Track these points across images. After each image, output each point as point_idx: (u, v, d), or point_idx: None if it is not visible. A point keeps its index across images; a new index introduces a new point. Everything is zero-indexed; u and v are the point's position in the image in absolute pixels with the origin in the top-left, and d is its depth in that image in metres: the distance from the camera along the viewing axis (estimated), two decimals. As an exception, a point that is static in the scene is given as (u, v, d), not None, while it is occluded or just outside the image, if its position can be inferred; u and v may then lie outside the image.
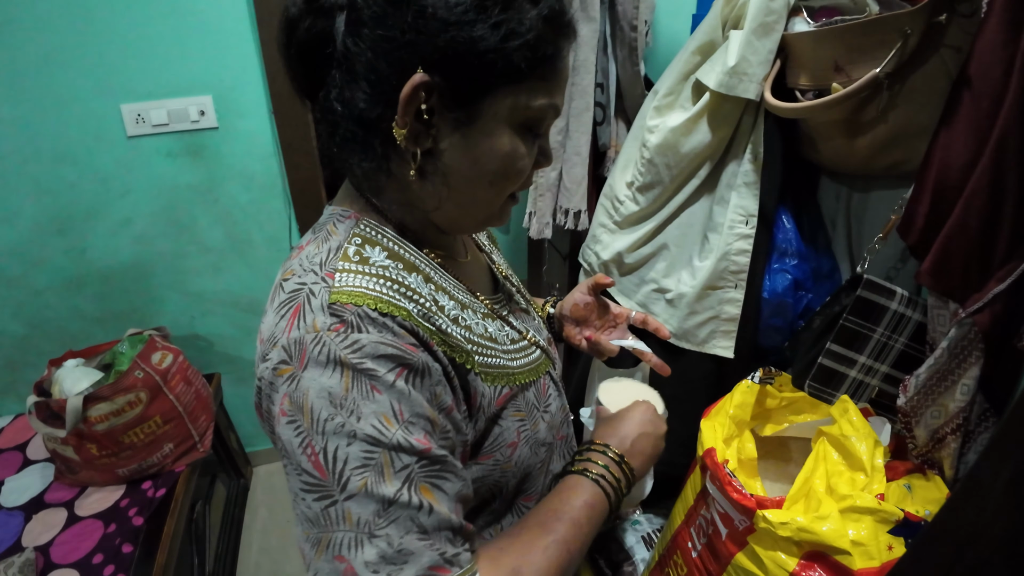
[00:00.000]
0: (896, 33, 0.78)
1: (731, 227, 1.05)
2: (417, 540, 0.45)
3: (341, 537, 0.44)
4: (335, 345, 0.46)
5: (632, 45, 1.32)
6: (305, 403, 0.45)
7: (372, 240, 0.55)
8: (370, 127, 0.50)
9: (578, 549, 0.56)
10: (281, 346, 0.48)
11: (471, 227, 0.62)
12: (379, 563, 0.43)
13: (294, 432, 0.46)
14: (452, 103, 0.49)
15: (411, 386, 0.47)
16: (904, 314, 0.89)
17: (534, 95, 0.51)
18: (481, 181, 0.54)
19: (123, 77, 1.45)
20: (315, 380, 0.45)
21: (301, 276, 0.51)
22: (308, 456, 0.45)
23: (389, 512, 0.44)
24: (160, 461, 1.45)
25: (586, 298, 0.85)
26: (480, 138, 0.51)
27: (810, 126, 0.97)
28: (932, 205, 0.80)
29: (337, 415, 0.45)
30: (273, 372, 0.48)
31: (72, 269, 1.63)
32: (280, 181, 1.65)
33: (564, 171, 1.44)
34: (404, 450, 0.46)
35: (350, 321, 0.47)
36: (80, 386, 1.38)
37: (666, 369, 0.83)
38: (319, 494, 0.45)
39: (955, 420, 0.82)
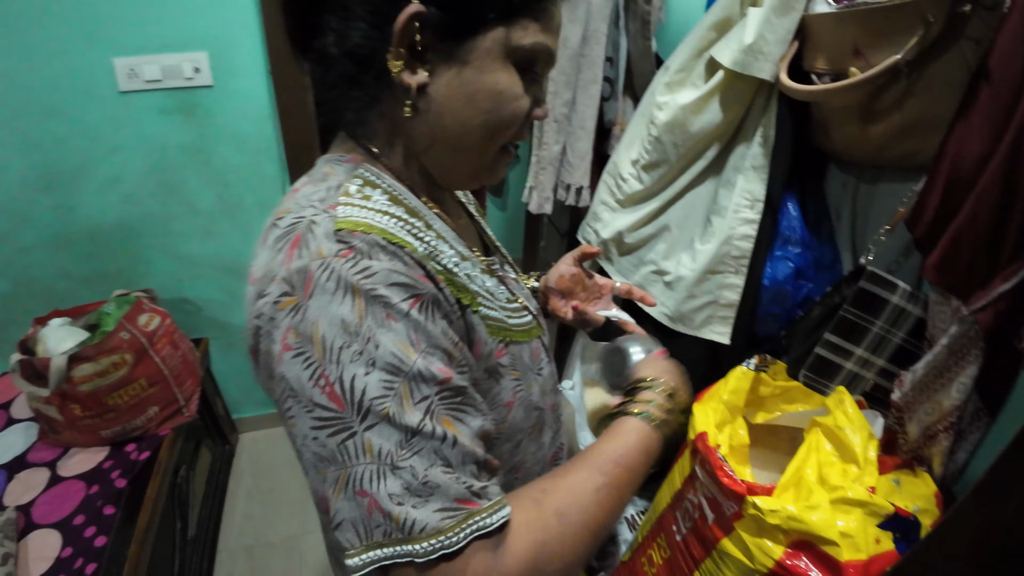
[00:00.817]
0: (919, 20, 0.76)
1: (736, 211, 1.03)
2: (442, 473, 0.43)
3: (362, 471, 0.42)
4: (345, 271, 0.43)
5: (645, 19, 1.28)
6: (315, 333, 0.43)
7: (372, 183, 0.53)
8: (364, 62, 0.50)
9: (630, 493, 0.55)
10: (281, 278, 0.45)
11: (464, 177, 0.59)
12: (403, 494, 0.42)
13: (303, 365, 0.43)
14: (446, 35, 0.49)
15: (425, 317, 0.45)
16: (904, 308, 0.88)
17: (526, 31, 0.50)
18: (475, 120, 0.52)
19: (116, 30, 1.41)
20: (325, 308, 0.43)
21: (298, 212, 0.49)
22: (321, 388, 0.42)
23: (412, 443, 0.42)
24: (144, 424, 1.43)
25: (572, 269, 0.84)
26: (474, 74, 0.50)
27: (824, 111, 0.95)
28: (943, 198, 0.78)
29: (353, 342, 0.42)
30: (274, 307, 0.45)
31: (59, 227, 1.60)
32: (275, 144, 1.62)
33: (568, 145, 1.41)
34: (424, 379, 0.44)
35: (359, 247, 0.45)
36: (64, 345, 1.35)
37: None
38: (335, 428, 0.42)
39: (948, 418, 0.82)
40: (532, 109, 0.56)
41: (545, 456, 0.71)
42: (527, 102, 0.54)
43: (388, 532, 0.41)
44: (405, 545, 0.41)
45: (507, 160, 0.59)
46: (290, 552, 1.74)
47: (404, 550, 0.41)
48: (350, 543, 0.43)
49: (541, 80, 0.57)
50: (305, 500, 1.89)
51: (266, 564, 1.70)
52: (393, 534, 0.41)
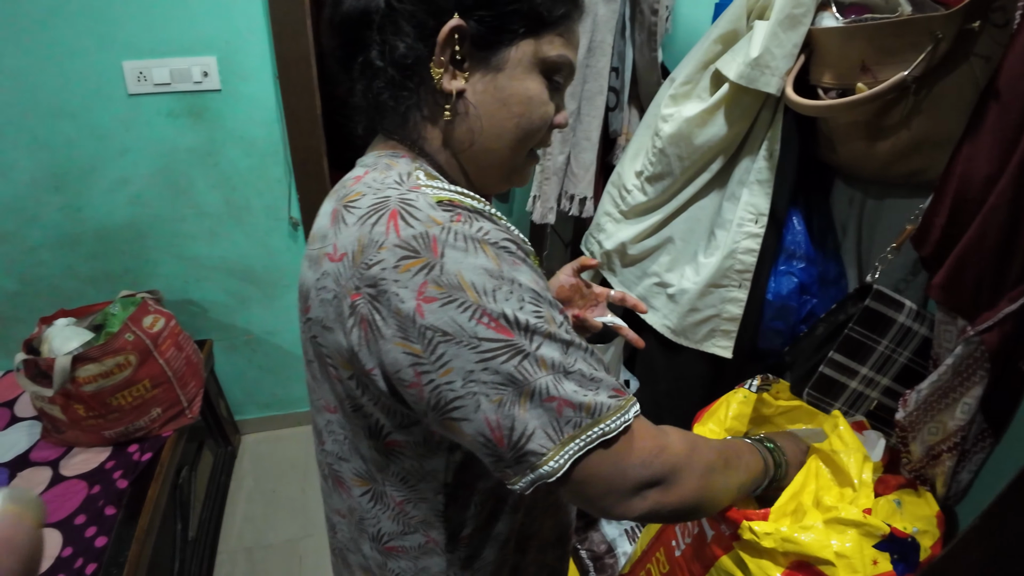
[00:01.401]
0: (927, 36, 0.75)
1: (740, 225, 1.02)
2: (597, 371, 0.50)
3: (542, 382, 0.47)
4: (467, 230, 0.48)
5: (651, 30, 1.28)
6: (463, 281, 0.46)
7: (431, 175, 0.57)
8: (409, 70, 0.55)
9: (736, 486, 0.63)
10: (394, 245, 0.48)
11: (496, 179, 0.64)
12: (581, 388, 0.48)
13: (457, 309, 0.46)
14: (482, 45, 0.55)
15: (532, 264, 0.52)
16: (911, 328, 0.87)
17: (552, 45, 0.57)
18: (508, 123, 0.58)
19: (126, 33, 1.42)
20: (462, 261, 0.47)
21: (378, 192, 0.52)
22: (486, 324, 0.46)
23: (569, 352, 0.49)
24: (147, 425, 1.44)
25: (571, 279, 0.87)
26: (507, 81, 0.56)
27: (830, 126, 0.94)
28: (950, 217, 0.77)
29: (502, 284, 0.47)
30: (394, 270, 0.47)
31: (67, 227, 1.61)
32: (282, 148, 1.62)
33: (572, 155, 1.41)
34: (555, 307, 0.51)
35: (466, 215, 0.50)
36: (69, 346, 1.36)
37: (640, 342, 0.86)
38: (508, 354, 0.47)
39: (952, 438, 0.81)
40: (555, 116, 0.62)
41: None
42: (553, 108, 0.60)
43: (578, 423, 0.47)
44: (595, 428, 0.48)
45: (533, 163, 0.65)
46: (290, 554, 1.74)
47: (596, 432, 0.48)
48: (544, 447, 0.47)
49: (562, 90, 0.62)
50: (306, 503, 1.89)
51: (266, 566, 1.71)
52: (583, 422, 0.47)
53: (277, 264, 1.81)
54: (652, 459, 0.51)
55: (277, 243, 1.78)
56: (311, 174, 1.65)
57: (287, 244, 1.78)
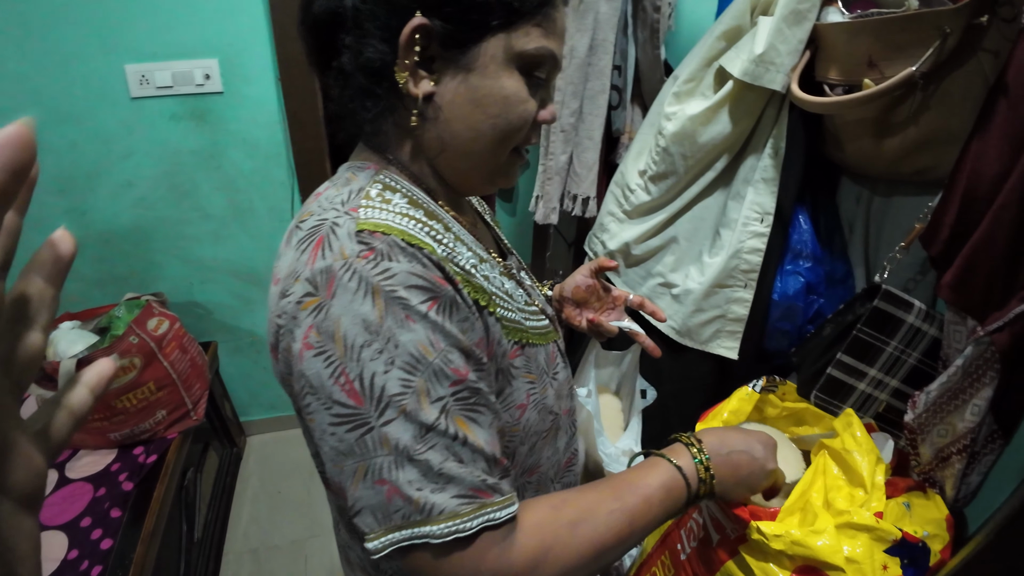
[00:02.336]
0: (935, 31, 0.74)
1: (745, 224, 1.01)
2: (456, 467, 0.45)
3: (380, 462, 0.44)
4: (366, 271, 0.45)
5: (654, 27, 1.27)
6: (337, 331, 0.44)
7: (392, 188, 0.54)
8: (375, 75, 0.52)
9: (641, 528, 0.55)
10: (305, 278, 0.46)
11: (478, 181, 0.61)
12: (422, 480, 0.44)
13: (324, 363, 0.44)
14: (450, 44, 0.50)
15: (443, 318, 0.47)
16: (920, 328, 0.86)
17: (529, 37, 0.52)
18: (483, 125, 0.54)
19: (128, 36, 1.42)
20: (347, 307, 0.44)
21: (321, 214, 0.50)
22: (341, 385, 0.44)
23: (427, 438, 0.44)
24: (152, 427, 1.44)
25: (588, 280, 0.85)
26: (480, 81, 0.52)
27: (836, 123, 0.92)
28: (959, 215, 0.76)
29: (374, 341, 0.44)
30: (296, 306, 0.46)
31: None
32: (284, 150, 1.62)
33: (575, 155, 1.40)
34: (441, 379, 0.46)
35: (380, 249, 0.46)
36: (74, 349, 1.36)
37: (657, 351, 0.83)
38: (354, 423, 0.44)
39: (962, 440, 0.80)
40: (539, 112, 0.57)
41: (560, 461, 0.70)
42: (533, 105, 0.55)
43: (407, 515, 0.44)
44: (423, 527, 0.44)
45: (519, 163, 0.61)
46: (296, 555, 1.74)
47: (422, 531, 0.44)
48: (369, 528, 0.45)
49: (547, 84, 0.58)
50: (311, 503, 1.89)
51: (272, 567, 1.71)
52: (412, 516, 0.44)
53: (281, 266, 1.81)
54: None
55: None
56: (314, 176, 1.64)
57: (291, 245, 1.78)
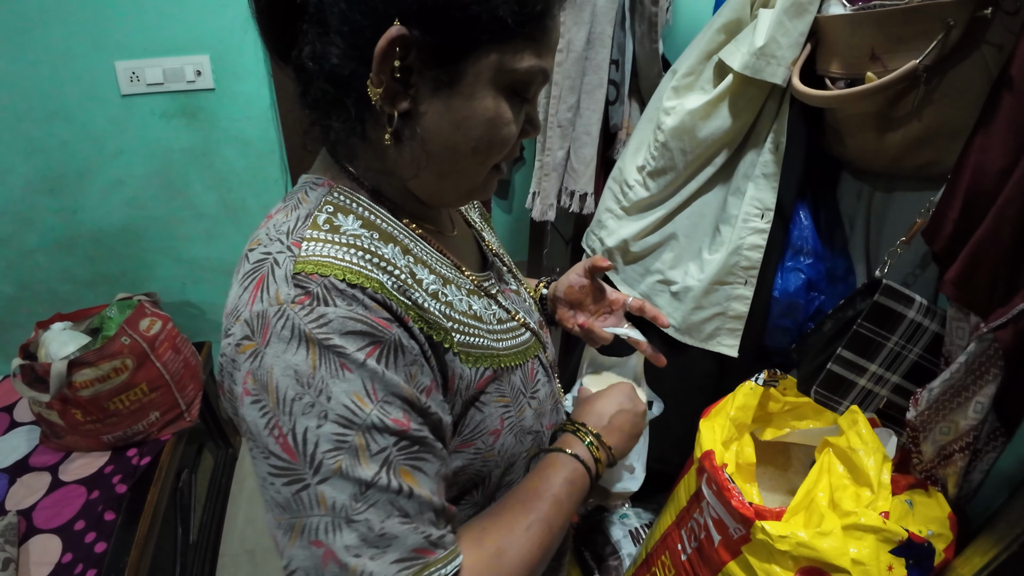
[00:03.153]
0: (939, 23, 0.73)
1: (745, 220, 1.00)
2: (399, 524, 0.42)
3: (317, 522, 0.41)
4: (299, 319, 0.43)
5: (652, 20, 1.25)
6: (269, 382, 0.42)
7: (345, 208, 0.51)
8: (343, 86, 0.46)
9: (560, 527, 0.55)
10: (244, 320, 0.44)
11: (453, 199, 0.58)
12: (360, 546, 0.41)
13: (259, 413, 0.43)
14: (432, 61, 0.45)
15: (384, 365, 0.44)
16: (921, 324, 0.85)
17: (521, 56, 0.46)
18: (463, 148, 0.49)
19: (118, 33, 1.40)
20: (279, 357, 0.42)
21: (267, 246, 0.48)
22: (275, 438, 0.42)
23: (367, 496, 0.42)
24: (146, 429, 1.42)
25: (582, 280, 0.80)
26: (462, 101, 0.47)
27: (838, 118, 0.91)
28: (963, 211, 0.75)
29: (305, 394, 0.42)
30: (236, 348, 0.44)
31: (63, 230, 1.60)
32: (277, 148, 1.60)
33: (572, 151, 1.38)
34: (380, 431, 0.43)
35: (315, 293, 0.44)
36: (66, 350, 1.34)
37: (661, 360, 0.79)
38: (289, 478, 0.42)
39: (965, 438, 0.79)
40: (526, 131, 0.53)
41: None
42: (516, 128, 0.51)
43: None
44: None
45: (498, 177, 0.57)
46: (292, 557, 1.73)
47: None
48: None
49: (534, 101, 0.53)
50: (308, 504, 1.87)
51: (268, 569, 1.69)
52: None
53: (275, 264, 1.79)
54: None
55: (275, 243, 1.76)
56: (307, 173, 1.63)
57: (285, 244, 1.76)
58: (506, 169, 0.58)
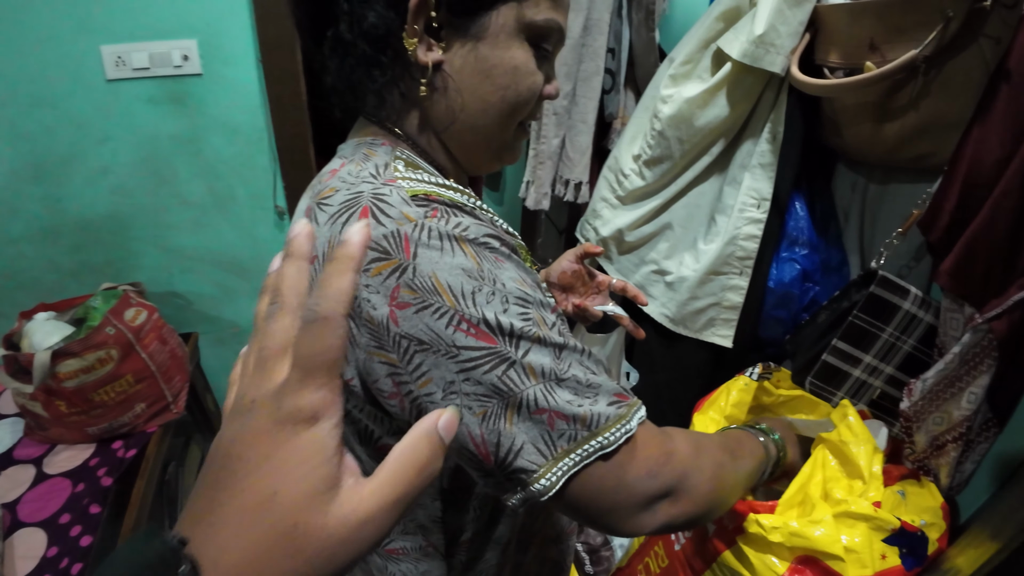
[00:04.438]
0: (938, 15, 0.73)
1: (741, 210, 0.99)
2: (597, 375, 0.46)
3: (531, 392, 0.43)
4: (442, 227, 0.44)
5: (649, 8, 1.24)
6: (438, 283, 0.42)
7: (414, 165, 0.52)
8: (380, 43, 0.50)
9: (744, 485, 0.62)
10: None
11: (485, 158, 0.60)
12: (576, 398, 0.44)
13: (433, 315, 0.42)
14: (460, 12, 0.50)
15: (517, 260, 0.48)
16: (916, 315, 0.85)
17: (539, 7, 0.52)
18: (493, 97, 0.53)
19: (104, 16, 1.36)
20: (438, 261, 0.43)
21: (351, 188, 0.47)
22: (465, 331, 0.42)
23: (563, 357, 0.45)
24: (132, 421, 1.40)
25: (573, 266, 0.84)
26: (489, 51, 0.52)
27: (835, 107, 0.91)
28: (959, 202, 0.75)
29: (483, 285, 0.43)
30: (365, 274, 0.43)
31: (47, 218, 1.56)
32: (266, 135, 1.57)
33: (568, 139, 1.37)
34: (545, 306, 0.46)
35: (443, 209, 0.46)
36: (49, 341, 1.32)
37: (640, 333, 0.84)
38: (491, 363, 0.43)
39: (958, 428, 0.80)
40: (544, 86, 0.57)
41: None
42: (541, 78, 0.55)
43: (573, 436, 0.43)
44: (592, 441, 0.44)
45: (523, 138, 0.61)
46: (282, 550, 1.71)
47: (593, 445, 0.44)
48: (535, 463, 0.43)
49: (552, 58, 0.57)
50: (298, 497, 1.86)
51: (258, 562, 1.68)
52: (579, 435, 0.44)
53: (264, 254, 1.76)
54: (659, 468, 0.47)
55: (263, 233, 1.73)
56: (297, 162, 1.60)
57: (274, 234, 1.74)
58: (529, 131, 0.62)
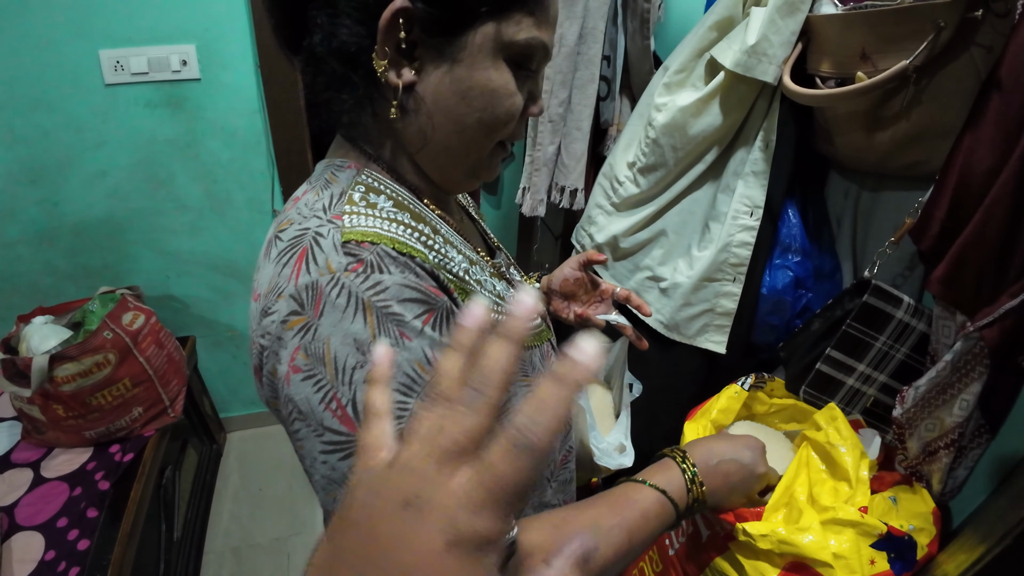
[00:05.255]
0: (929, 24, 0.73)
1: (735, 217, 1.00)
2: None
3: None
4: (355, 286, 0.42)
5: (644, 17, 1.25)
6: (327, 352, 0.41)
7: (375, 189, 0.51)
8: (351, 61, 0.47)
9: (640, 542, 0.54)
10: (289, 295, 0.43)
11: (460, 177, 0.57)
12: None
13: (313, 387, 0.41)
14: (434, 31, 0.46)
15: (439, 332, 0.44)
16: (909, 323, 0.85)
17: (520, 26, 0.48)
18: (468, 119, 0.50)
19: (103, 21, 1.37)
20: (336, 327, 0.41)
21: (301, 223, 0.47)
22: (333, 411, 0.41)
23: None
24: (129, 425, 1.41)
25: (576, 273, 0.83)
26: (465, 71, 0.48)
27: (827, 116, 0.92)
28: (950, 210, 0.76)
29: (366, 362, 0.41)
30: (281, 326, 0.43)
31: (45, 222, 1.56)
32: (264, 139, 1.58)
33: (563, 146, 1.38)
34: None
35: (369, 260, 0.43)
36: (47, 344, 1.32)
37: (644, 343, 0.81)
38: (347, 451, 0.41)
39: (950, 435, 0.80)
40: (527, 106, 0.54)
41: (555, 459, 0.68)
42: (521, 99, 0.52)
43: None
44: None
45: (502, 156, 0.58)
46: (278, 553, 1.72)
47: None
48: None
49: (536, 76, 0.54)
50: (293, 501, 1.86)
51: (253, 566, 1.68)
52: None
53: (262, 258, 1.77)
54: None
55: (260, 236, 1.73)
56: (294, 166, 1.61)
57: (272, 238, 1.75)
58: (510, 149, 0.59)
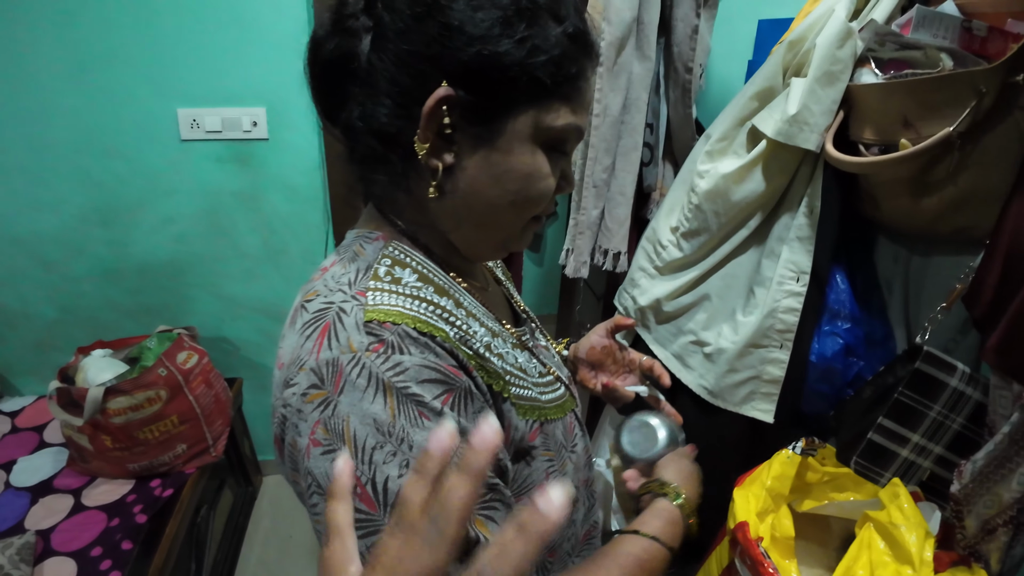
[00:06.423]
0: (971, 91, 0.74)
1: (780, 283, 0.99)
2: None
3: None
4: (376, 367, 0.43)
5: (686, 87, 1.30)
6: (346, 430, 0.42)
7: (402, 262, 0.52)
8: (390, 142, 0.49)
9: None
10: (310, 369, 0.44)
11: (491, 250, 0.59)
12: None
13: (332, 462, 0.42)
14: (474, 119, 0.48)
15: (457, 413, 0.45)
16: (964, 392, 0.82)
17: (557, 114, 0.50)
18: (502, 201, 0.52)
19: (182, 82, 1.50)
20: (356, 405, 0.42)
21: (327, 296, 0.48)
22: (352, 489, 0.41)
23: None
24: (171, 461, 1.43)
25: (603, 341, 0.81)
26: (502, 156, 0.49)
27: (872, 183, 0.92)
28: (1002, 276, 0.74)
29: (386, 443, 0.41)
30: (302, 398, 0.44)
31: (111, 260, 1.66)
32: (322, 195, 1.67)
33: (607, 210, 1.41)
34: None
35: (390, 341, 0.44)
36: (103, 377, 1.38)
37: (678, 418, 0.79)
38: (366, 530, 0.41)
39: (1008, 511, 0.75)
40: (560, 186, 0.55)
41: (578, 534, 0.67)
42: (554, 181, 0.53)
43: None
44: None
45: (535, 228, 0.59)
46: (301, 606, 1.68)
47: None
48: None
49: (569, 155, 0.56)
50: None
51: (275, 617, 1.65)
52: None
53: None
54: None
55: (311, 285, 1.80)
56: (348, 220, 1.68)
57: (321, 286, 1.81)
58: (544, 220, 0.60)
